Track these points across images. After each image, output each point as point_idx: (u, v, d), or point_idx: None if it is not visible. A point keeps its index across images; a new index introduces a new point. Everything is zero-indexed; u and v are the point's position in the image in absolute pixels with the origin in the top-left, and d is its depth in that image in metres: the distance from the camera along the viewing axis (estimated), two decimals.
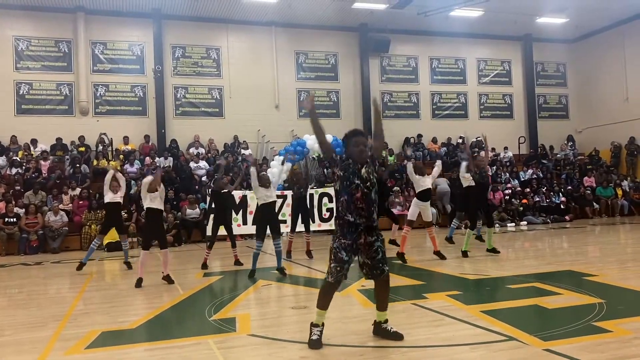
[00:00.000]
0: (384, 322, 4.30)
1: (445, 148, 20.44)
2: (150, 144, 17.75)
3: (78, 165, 15.74)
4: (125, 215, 13.12)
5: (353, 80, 20.66)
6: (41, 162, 15.74)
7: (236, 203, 13.42)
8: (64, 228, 13.54)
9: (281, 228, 11.67)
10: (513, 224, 16.17)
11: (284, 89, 19.75)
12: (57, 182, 15.14)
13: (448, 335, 4.35)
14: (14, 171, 15.42)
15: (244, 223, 13.68)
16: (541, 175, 19.60)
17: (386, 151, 19.29)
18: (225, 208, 9.73)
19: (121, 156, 16.72)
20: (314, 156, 17.76)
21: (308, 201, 14.14)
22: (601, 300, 5.28)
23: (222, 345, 4.35)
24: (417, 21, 19.11)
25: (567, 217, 17.38)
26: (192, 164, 16.92)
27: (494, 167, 19.05)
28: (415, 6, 17.78)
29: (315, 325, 4.19)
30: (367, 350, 4.08)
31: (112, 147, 16.93)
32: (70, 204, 14.42)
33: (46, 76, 17.51)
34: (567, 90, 23.56)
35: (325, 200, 14.23)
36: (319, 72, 20.38)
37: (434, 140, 20.88)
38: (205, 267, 9.02)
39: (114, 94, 18.15)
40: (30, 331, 5.16)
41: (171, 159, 16.99)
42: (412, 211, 9.18)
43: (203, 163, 17.05)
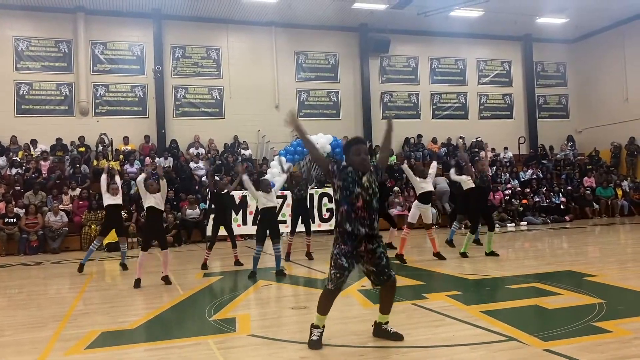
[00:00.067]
0: (385, 323, 4.31)
1: (445, 148, 20.43)
2: (150, 144, 17.75)
3: (78, 165, 15.74)
4: (125, 215, 13.13)
5: (353, 80, 20.66)
6: (41, 163, 15.74)
7: (236, 203, 13.43)
8: (64, 228, 13.54)
9: (281, 228, 11.67)
10: (513, 224, 16.17)
11: (284, 89, 19.75)
12: (57, 183, 15.15)
13: (448, 335, 4.36)
14: (14, 171, 15.43)
15: (244, 223, 13.69)
16: (541, 175, 19.60)
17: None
18: (225, 208, 9.74)
19: (121, 156, 16.73)
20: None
21: (308, 201, 14.18)
22: (601, 300, 5.28)
23: (222, 345, 4.35)
24: (417, 21, 19.12)
25: (567, 218, 17.38)
26: (192, 164, 16.92)
27: (494, 168, 19.05)
28: (415, 6, 17.79)
29: (315, 326, 4.19)
30: (367, 350, 4.08)
31: (112, 148, 16.93)
32: (70, 204, 14.42)
33: (46, 76, 17.51)
34: (567, 90, 23.56)
35: (325, 200, 14.23)
36: (319, 73, 20.39)
37: (434, 140, 20.88)
38: (205, 268, 9.02)
39: (114, 94, 18.16)
40: (30, 331, 5.16)
41: (171, 159, 17.00)
42: (413, 213, 9.14)
43: (203, 163, 17.05)
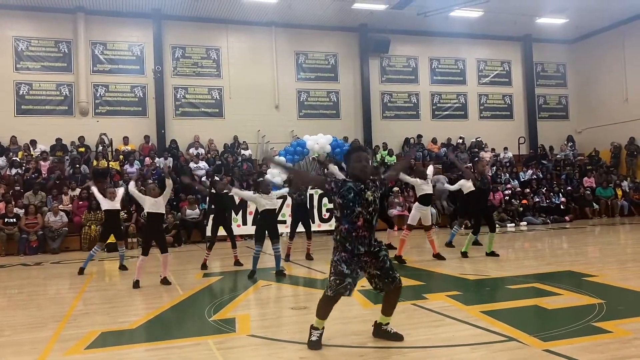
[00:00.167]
0: (385, 324, 4.30)
1: (445, 149, 20.43)
2: (150, 145, 17.75)
3: (78, 165, 15.73)
4: (124, 216, 13.13)
5: (353, 80, 20.66)
6: (41, 163, 15.73)
7: (236, 204, 13.43)
8: (64, 228, 13.52)
9: (281, 228, 11.65)
10: (513, 225, 16.15)
11: (284, 90, 19.75)
12: (57, 183, 15.14)
13: (448, 335, 4.36)
14: (14, 171, 15.42)
15: (244, 223, 13.70)
16: (541, 175, 19.59)
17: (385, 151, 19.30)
18: (224, 209, 9.74)
19: (121, 156, 16.73)
20: (314, 157, 17.76)
21: (308, 202, 14.18)
22: (601, 300, 5.28)
23: (222, 345, 4.35)
24: (417, 21, 19.12)
25: (567, 218, 17.37)
26: (192, 165, 16.92)
27: (494, 168, 19.05)
28: (415, 6, 17.81)
29: (315, 328, 4.18)
30: (368, 350, 4.08)
31: (112, 148, 16.92)
32: (70, 205, 14.41)
33: (46, 76, 17.51)
34: (567, 90, 23.56)
35: (325, 200, 14.24)
36: (319, 73, 20.38)
37: (434, 140, 20.88)
38: (205, 268, 9.02)
39: (114, 95, 18.16)
40: (29, 332, 5.16)
41: (171, 160, 16.99)
42: (413, 215, 9.11)
43: (203, 163, 17.05)
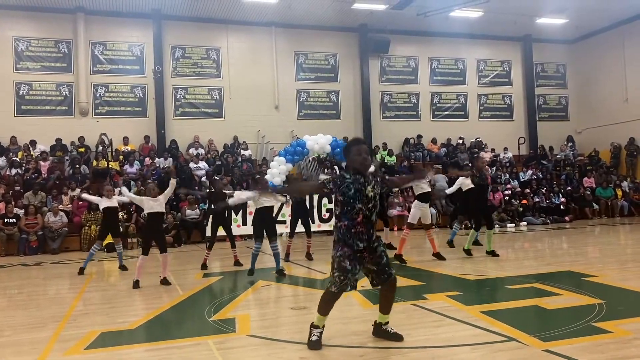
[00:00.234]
0: (385, 324, 4.29)
1: (445, 149, 20.44)
2: (150, 145, 17.76)
3: (77, 165, 15.73)
4: (124, 216, 13.14)
5: (353, 80, 20.66)
6: (41, 163, 15.73)
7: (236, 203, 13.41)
8: (64, 229, 13.53)
9: (281, 228, 11.64)
10: (513, 225, 16.15)
11: (284, 90, 19.75)
12: (57, 183, 15.14)
13: (448, 336, 4.35)
14: (14, 172, 15.42)
15: (244, 223, 13.71)
16: (541, 175, 19.60)
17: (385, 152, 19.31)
18: (224, 208, 9.74)
19: (121, 157, 16.73)
20: (314, 157, 17.77)
21: (308, 202, 14.19)
22: (601, 300, 5.27)
23: (222, 345, 4.34)
24: (417, 22, 19.12)
25: (567, 218, 17.37)
26: (192, 165, 16.92)
27: (494, 168, 19.05)
28: (415, 7, 17.81)
29: (315, 326, 4.17)
30: (368, 351, 4.07)
31: (112, 148, 16.92)
32: (69, 205, 14.41)
33: (46, 77, 17.52)
34: (567, 90, 23.57)
35: (325, 200, 14.24)
36: (319, 73, 20.39)
37: (434, 141, 20.89)
38: (204, 268, 9.02)
39: (114, 95, 18.16)
40: (29, 332, 5.16)
41: (171, 160, 17.00)
42: (414, 214, 9.08)
43: (203, 164, 17.06)
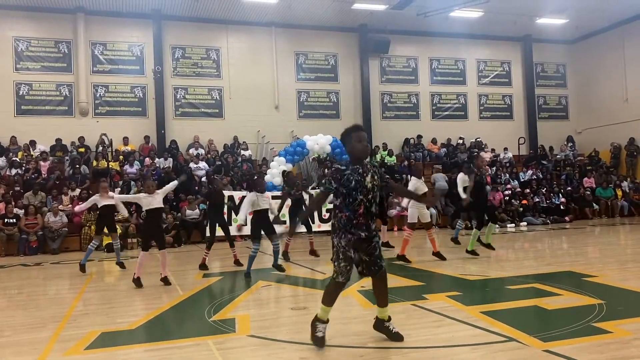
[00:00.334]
0: (387, 321, 4.26)
1: (445, 149, 20.44)
2: (150, 145, 17.75)
3: (77, 166, 15.73)
4: (124, 216, 13.11)
5: (353, 80, 20.66)
6: (41, 163, 15.73)
7: (236, 203, 13.39)
8: (64, 229, 13.53)
9: (281, 228, 11.61)
10: (513, 225, 16.14)
11: (284, 90, 19.75)
12: (57, 183, 15.14)
13: (448, 336, 4.35)
14: (14, 172, 15.42)
15: (244, 224, 13.63)
16: (541, 176, 19.59)
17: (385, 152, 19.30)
18: (222, 206, 9.78)
19: (121, 157, 16.73)
20: (314, 157, 17.79)
21: (308, 202, 14.17)
22: (601, 301, 5.28)
23: (222, 346, 4.34)
24: (417, 22, 19.12)
25: (567, 218, 17.37)
26: (192, 165, 16.92)
27: (494, 168, 19.06)
28: (415, 7, 17.81)
29: (320, 320, 4.12)
30: (368, 351, 4.07)
31: (112, 148, 16.93)
32: (69, 205, 14.40)
33: (46, 77, 17.51)
34: (567, 91, 23.57)
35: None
36: (319, 73, 20.39)
37: (434, 141, 20.89)
38: (203, 268, 8.99)
39: (114, 95, 18.16)
40: (29, 332, 5.16)
41: (171, 160, 17.00)
42: (412, 213, 9.09)
43: (203, 164, 17.06)
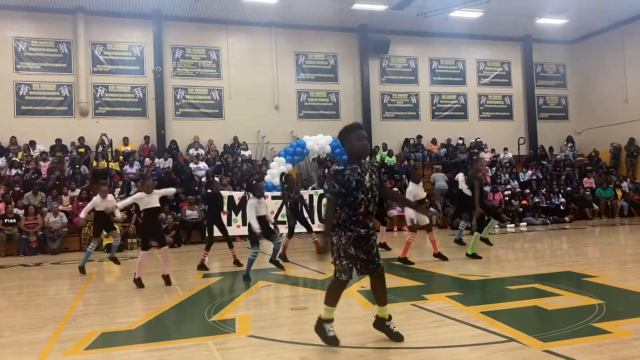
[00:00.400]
0: (388, 320, 4.26)
1: (444, 149, 20.44)
2: (150, 145, 17.75)
3: (77, 166, 15.73)
4: (125, 216, 13.14)
5: (353, 81, 20.66)
6: (41, 163, 15.73)
7: (236, 204, 13.43)
8: (64, 229, 13.53)
9: (281, 229, 11.62)
10: (513, 225, 16.14)
11: (284, 90, 19.75)
12: (57, 183, 15.13)
13: (448, 336, 4.35)
14: (14, 172, 15.42)
15: (244, 224, 13.65)
16: (541, 176, 19.59)
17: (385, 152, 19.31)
18: (219, 208, 9.80)
19: (121, 157, 16.73)
20: (314, 157, 17.79)
21: (308, 202, 14.22)
22: (601, 301, 5.28)
23: (222, 346, 4.34)
24: (417, 22, 19.12)
25: (567, 218, 17.36)
26: (192, 165, 16.92)
27: (494, 168, 19.06)
28: (415, 7, 17.81)
29: (326, 321, 4.10)
30: (367, 351, 4.07)
31: (112, 148, 16.93)
32: (69, 205, 14.40)
33: (46, 77, 17.51)
34: (567, 91, 23.57)
35: (324, 201, 14.19)
36: (319, 73, 20.39)
37: (434, 141, 20.89)
38: (202, 269, 8.98)
39: (114, 95, 18.16)
40: (29, 332, 5.16)
41: (171, 160, 17.00)
42: (408, 215, 9.00)
43: (203, 164, 17.06)
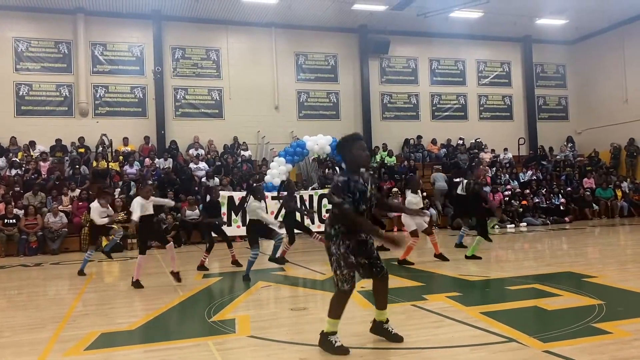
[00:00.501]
0: (385, 322, 4.27)
1: (444, 149, 20.44)
2: (150, 145, 17.75)
3: (77, 166, 15.73)
4: (125, 217, 13.14)
5: (353, 81, 20.66)
6: (40, 164, 15.73)
7: (236, 204, 13.45)
8: (64, 229, 13.52)
9: (282, 229, 11.60)
10: (513, 226, 16.14)
11: (284, 90, 19.75)
12: (57, 184, 15.13)
13: (448, 336, 4.36)
14: (14, 172, 15.41)
15: (244, 224, 13.67)
16: (541, 176, 19.59)
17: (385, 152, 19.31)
18: (217, 215, 9.83)
19: (121, 157, 16.73)
20: (314, 157, 17.79)
21: (308, 202, 14.25)
22: (601, 301, 5.28)
23: (222, 346, 4.34)
24: (417, 22, 19.12)
25: (567, 219, 17.35)
26: (192, 165, 16.92)
27: (494, 169, 19.05)
28: (414, 7, 17.81)
29: (331, 333, 4.05)
30: (367, 352, 4.07)
31: (112, 149, 16.93)
32: (69, 205, 14.40)
33: (46, 77, 17.51)
34: (567, 91, 23.57)
35: (324, 201, 14.24)
36: (319, 74, 20.38)
37: (434, 141, 20.88)
38: (202, 269, 8.98)
39: (114, 95, 18.16)
40: (29, 332, 5.16)
41: (171, 160, 17.00)
42: (408, 223, 8.88)
43: (203, 164, 17.06)
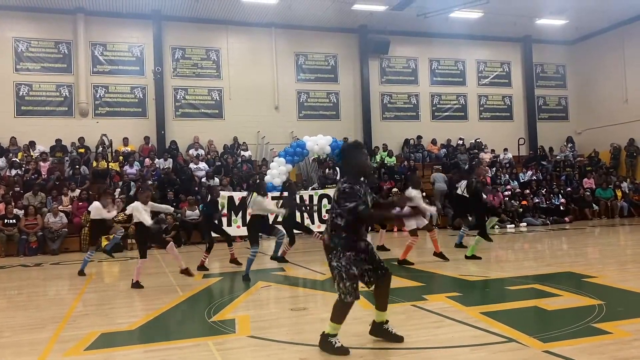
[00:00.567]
0: (385, 323, 4.27)
1: (444, 150, 20.44)
2: (150, 146, 17.75)
3: (77, 166, 15.73)
4: (125, 216, 13.13)
5: (353, 81, 20.66)
6: (40, 164, 15.73)
7: (236, 204, 13.45)
8: (64, 229, 13.53)
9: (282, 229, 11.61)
10: (512, 226, 16.14)
11: (284, 90, 19.75)
12: (57, 184, 15.13)
13: (448, 337, 4.36)
14: (14, 172, 15.41)
15: (244, 224, 13.66)
16: (541, 176, 19.58)
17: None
18: (216, 209, 9.86)
19: (121, 157, 16.73)
20: (314, 158, 17.79)
21: (308, 202, 14.23)
22: (601, 301, 5.28)
23: (222, 346, 4.35)
24: (417, 23, 19.12)
25: (567, 219, 17.35)
26: (192, 165, 16.92)
27: (494, 169, 19.05)
28: (414, 8, 17.81)
29: (332, 335, 4.08)
30: (367, 352, 4.08)
31: (112, 149, 16.93)
32: (69, 205, 14.40)
33: (46, 77, 17.51)
34: (567, 91, 23.56)
35: (325, 201, 14.23)
36: (319, 74, 20.39)
37: (434, 141, 20.88)
38: (202, 269, 8.99)
39: (114, 95, 18.16)
40: (29, 333, 5.16)
41: (171, 161, 17.00)
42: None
43: (203, 164, 17.06)
